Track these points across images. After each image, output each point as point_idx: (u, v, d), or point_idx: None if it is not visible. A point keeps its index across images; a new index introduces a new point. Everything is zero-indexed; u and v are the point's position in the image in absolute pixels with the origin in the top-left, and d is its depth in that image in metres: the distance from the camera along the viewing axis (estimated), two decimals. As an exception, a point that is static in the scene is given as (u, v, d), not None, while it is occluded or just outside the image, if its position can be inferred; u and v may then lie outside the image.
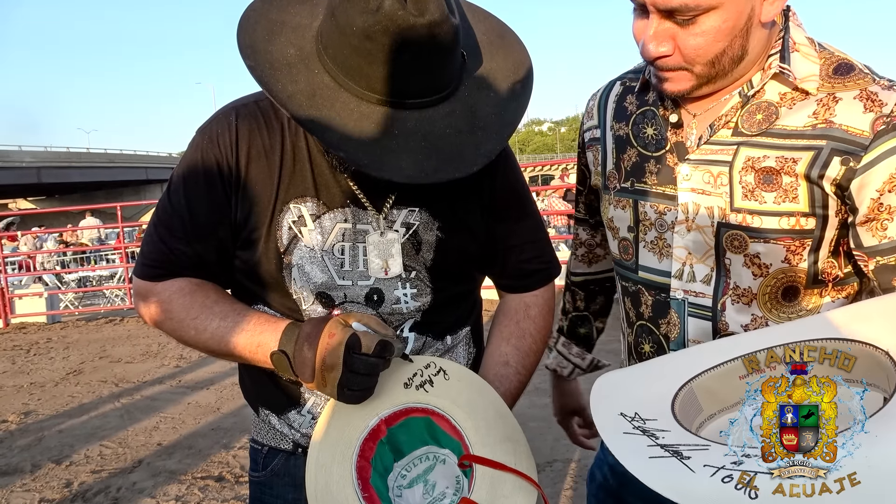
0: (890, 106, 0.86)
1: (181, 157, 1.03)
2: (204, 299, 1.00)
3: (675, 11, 0.86)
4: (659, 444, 0.72)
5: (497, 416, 0.97)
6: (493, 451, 0.93)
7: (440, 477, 0.96)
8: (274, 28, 0.92)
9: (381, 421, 0.96)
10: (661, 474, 0.67)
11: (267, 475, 1.11)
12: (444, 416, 0.97)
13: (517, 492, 0.91)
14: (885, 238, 0.88)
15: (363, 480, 0.93)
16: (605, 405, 0.83)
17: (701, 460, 0.67)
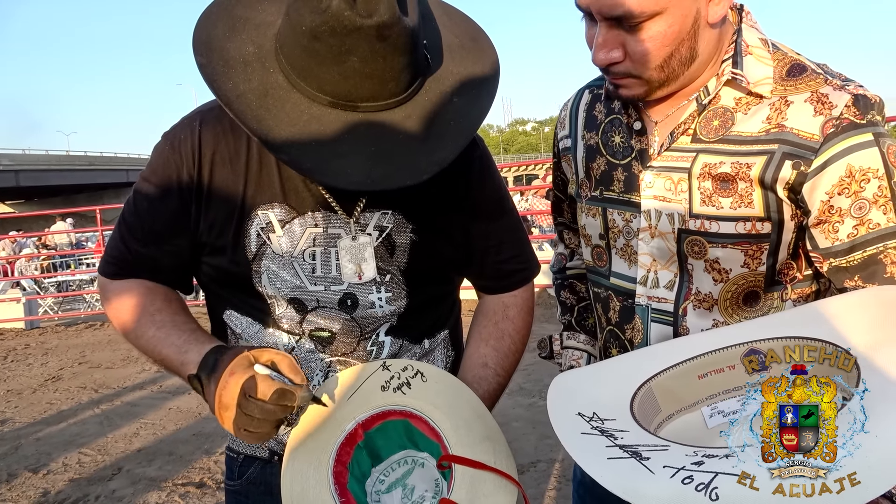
0: (840, 108, 0.85)
1: (149, 160, 1.01)
2: (149, 305, 0.99)
3: (621, 18, 0.86)
4: (617, 445, 0.71)
5: (475, 417, 0.96)
6: (473, 451, 0.91)
7: (419, 480, 0.95)
8: (236, 25, 0.90)
9: (358, 425, 0.95)
10: (618, 476, 0.66)
11: (243, 484, 1.09)
12: (422, 418, 0.95)
13: (498, 491, 0.89)
14: (836, 240, 0.88)
15: (340, 486, 0.91)
16: (562, 405, 0.82)
17: (660, 461, 0.66)
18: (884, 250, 0.86)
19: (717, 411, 0.84)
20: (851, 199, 0.85)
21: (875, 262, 0.86)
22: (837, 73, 0.92)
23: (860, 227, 0.86)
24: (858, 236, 0.86)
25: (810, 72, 0.90)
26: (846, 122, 0.85)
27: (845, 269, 0.88)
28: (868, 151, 0.84)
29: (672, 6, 0.85)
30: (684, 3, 0.86)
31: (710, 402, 0.85)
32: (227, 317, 1.03)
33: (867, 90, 0.88)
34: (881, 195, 0.85)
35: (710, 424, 0.84)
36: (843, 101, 0.86)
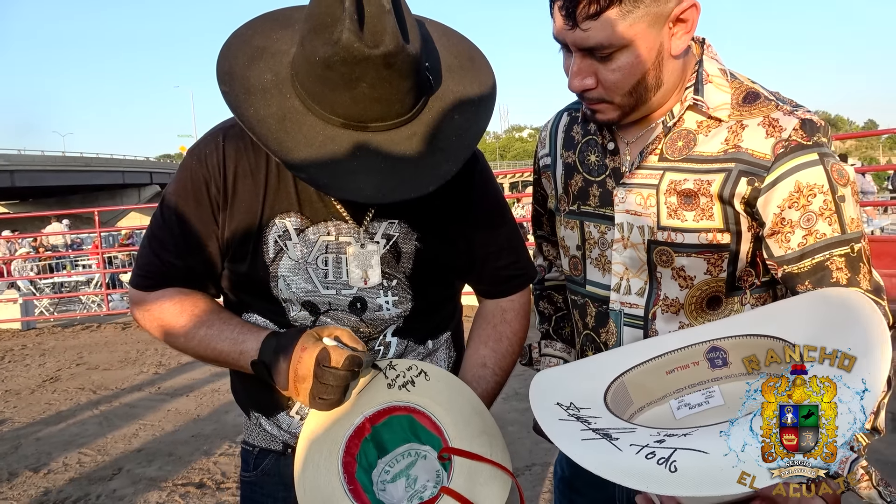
0: (788, 131, 0.95)
1: (174, 176, 1.09)
2: (193, 308, 1.07)
3: (593, 49, 0.95)
4: (591, 429, 0.77)
5: (474, 413, 1.04)
6: (471, 444, 0.99)
7: (421, 471, 1.02)
8: (255, 54, 0.98)
9: (365, 419, 1.02)
10: (591, 453, 0.73)
11: (258, 475, 1.16)
12: (425, 414, 1.03)
13: (493, 480, 0.97)
14: (788, 249, 0.96)
15: (349, 475, 0.99)
16: (542, 396, 0.89)
17: (628, 440, 0.73)
18: (830, 257, 0.94)
19: (684, 404, 0.91)
20: (800, 211, 0.94)
21: (823, 269, 0.95)
22: (789, 99, 1.01)
23: (809, 237, 0.95)
24: (807, 245, 0.95)
25: (763, 99, 1.00)
26: (794, 143, 0.94)
27: (797, 274, 0.97)
28: (814, 169, 0.93)
29: (638, 40, 0.94)
30: (649, 38, 0.95)
31: (677, 395, 0.92)
32: (246, 319, 1.10)
33: (814, 115, 0.97)
34: (826, 208, 0.94)
35: (677, 416, 0.90)
36: (792, 124, 0.95)
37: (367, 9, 0.87)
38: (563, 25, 0.96)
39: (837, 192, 0.94)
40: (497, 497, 0.96)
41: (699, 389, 0.93)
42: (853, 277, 0.94)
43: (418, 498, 0.99)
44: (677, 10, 0.95)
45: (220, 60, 0.97)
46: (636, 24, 0.93)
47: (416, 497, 0.99)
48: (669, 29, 0.97)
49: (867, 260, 0.96)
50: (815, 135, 0.95)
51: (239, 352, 1.02)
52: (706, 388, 0.92)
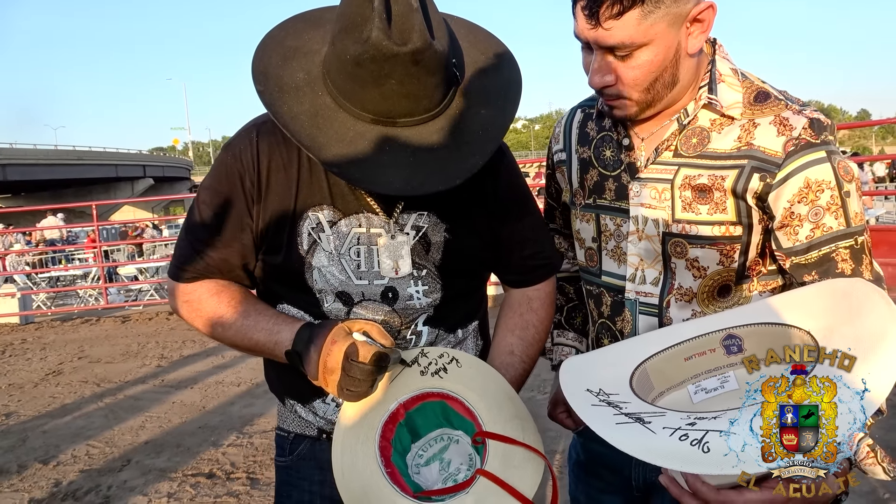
0: (798, 129, 0.99)
1: (209, 171, 1.12)
2: (229, 300, 1.10)
3: (614, 48, 0.99)
4: (623, 413, 0.82)
5: (506, 398, 1.07)
6: (504, 428, 1.03)
7: (454, 455, 1.06)
8: (287, 54, 1.01)
9: (400, 405, 1.06)
10: (627, 437, 0.77)
11: (293, 460, 1.20)
12: (458, 400, 1.06)
13: (526, 462, 1.01)
14: (797, 241, 1.01)
15: (385, 458, 1.03)
16: (572, 384, 0.93)
17: (660, 424, 0.77)
18: (835, 249, 0.99)
19: (701, 388, 0.96)
20: (809, 206, 0.99)
21: (828, 260, 1.00)
22: (796, 98, 1.06)
23: (816, 230, 1.00)
24: (815, 238, 1.00)
25: (773, 98, 1.04)
26: (804, 141, 0.99)
27: (804, 265, 1.01)
28: (822, 166, 0.98)
29: (657, 38, 0.98)
30: (668, 37, 0.99)
31: (695, 380, 0.96)
32: (281, 310, 1.13)
33: (821, 114, 1.01)
34: (833, 203, 0.99)
35: (695, 400, 0.95)
36: (801, 123, 0.99)
37: (395, 7, 0.90)
38: (585, 24, 1.00)
39: (843, 188, 0.99)
40: (531, 479, 1.00)
41: (715, 375, 0.97)
42: (857, 268, 0.99)
43: (452, 480, 1.03)
44: (695, 11, 0.99)
45: (254, 61, 1.00)
46: (656, 24, 0.97)
47: (450, 479, 1.03)
48: (687, 28, 1.01)
49: (869, 251, 1.01)
50: (823, 133, 0.99)
51: (274, 342, 1.05)
52: (722, 374, 0.97)
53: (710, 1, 1.00)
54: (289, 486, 1.20)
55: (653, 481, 1.19)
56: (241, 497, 3.17)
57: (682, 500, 0.82)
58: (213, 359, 5.92)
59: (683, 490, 0.81)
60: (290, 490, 1.20)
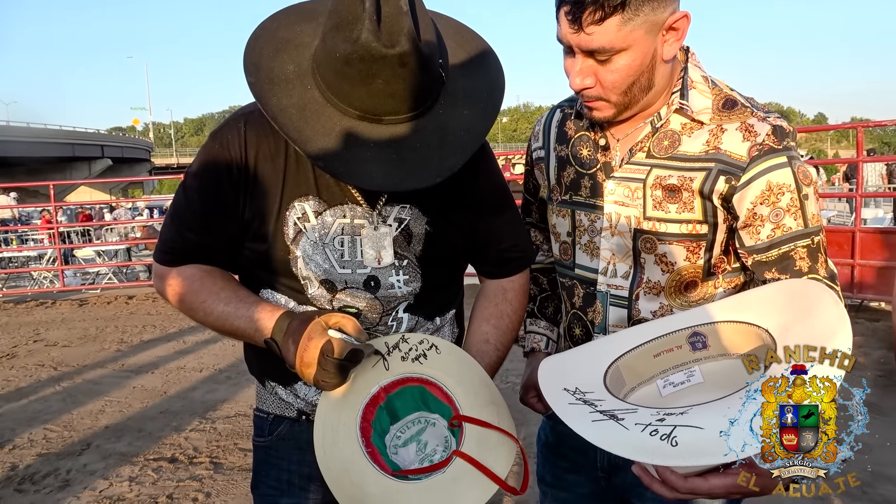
0: (762, 136, 1.07)
1: (195, 158, 1.14)
2: (212, 285, 1.12)
3: (595, 52, 1.05)
4: (598, 411, 0.87)
5: (482, 384, 1.12)
6: (480, 413, 1.08)
7: (431, 437, 1.10)
8: (279, 46, 1.03)
9: (381, 389, 1.10)
10: (603, 433, 0.82)
11: (273, 440, 1.23)
12: (436, 385, 1.11)
13: (500, 445, 1.06)
14: (759, 240, 1.09)
15: (366, 438, 1.07)
16: (550, 383, 0.99)
17: (632, 420, 0.82)
18: (794, 248, 1.07)
19: (669, 383, 1.02)
20: (770, 208, 1.07)
21: (787, 258, 1.07)
22: (762, 106, 1.13)
23: (777, 230, 1.07)
24: (775, 237, 1.08)
25: (740, 105, 1.11)
26: (767, 147, 1.06)
27: (765, 263, 1.09)
28: (783, 171, 1.06)
29: (636, 44, 1.04)
30: (645, 43, 1.05)
31: (663, 375, 1.03)
32: (263, 294, 1.16)
33: (784, 122, 1.09)
34: (793, 205, 1.06)
35: (663, 393, 1.02)
36: (765, 130, 1.07)
37: (385, 9, 0.93)
38: (568, 29, 1.05)
39: (802, 191, 1.07)
40: (504, 460, 1.05)
41: (682, 370, 1.04)
42: (813, 266, 1.07)
43: (428, 461, 1.08)
44: (671, 20, 1.05)
45: (247, 52, 1.02)
46: (635, 30, 1.03)
47: (426, 460, 1.08)
48: (663, 36, 1.07)
49: (824, 250, 1.09)
50: (785, 139, 1.07)
51: (254, 329, 1.08)
52: (688, 369, 1.03)
53: (685, 11, 1.07)
54: (267, 465, 1.23)
55: (616, 462, 1.26)
56: (204, 481, 3.17)
57: (653, 487, 0.87)
58: (175, 344, 5.85)
59: (654, 478, 0.87)
60: (268, 469, 1.23)
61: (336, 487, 1.03)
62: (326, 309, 1.14)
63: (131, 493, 3.07)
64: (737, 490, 0.85)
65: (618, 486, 1.29)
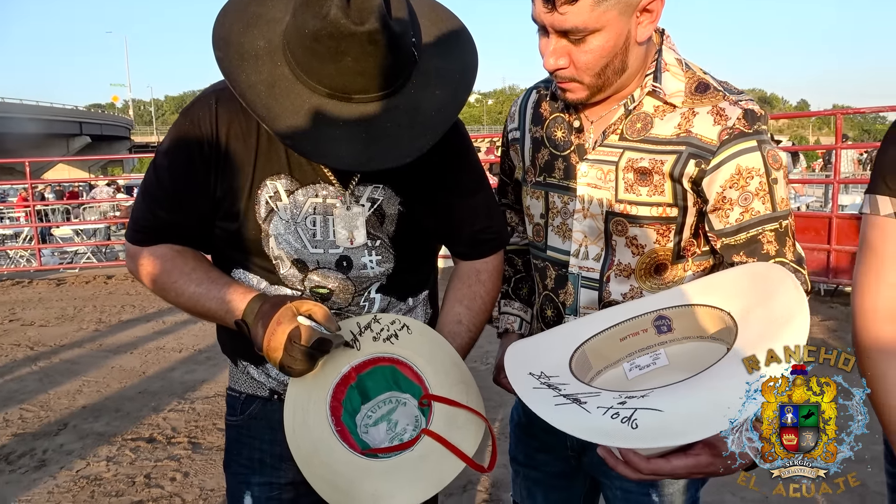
0: (733, 120, 1.07)
1: (166, 135, 1.12)
2: (183, 266, 1.11)
3: (569, 32, 1.05)
4: (562, 395, 0.88)
5: (452, 364, 1.13)
6: (449, 392, 1.09)
7: (401, 416, 1.11)
8: (250, 20, 1.01)
9: (351, 368, 1.10)
10: (565, 417, 0.83)
11: (244, 419, 1.23)
12: (407, 364, 1.11)
13: (469, 424, 1.07)
14: (728, 223, 1.10)
15: (336, 418, 1.07)
16: (516, 368, 0.99)
17: (594, 403, 0.83)
18: (762, 232, 1.08)
19: (635, 366, 1.03)
20: (739, 191, 1.07)
21: (755, 241, 1.08)
22: (735, 89, 1.13)
23: (745, 213, 1.08)
24: (744, 221, 1.08)
25: (713, 89, 1.12)
26: (737, 131, 1.07)
27: (733, 246, 1.10)
28: (752, 155, 1.06)
29: (609, 25, 1.04)
30: (619, 24, 1.05)
31: (629, 359, 1.04)
32: (235, 275, 1.15)
33: (755, 105, 1.09)
34: (761, 189, 1.07)
35: (629, 376, 1.03)
36: (736, 114, 1.07)
37: None
38: (542, 8, 1.04)
39: (771, 175, 1.07)
40: (472, 439, 1.06)
41: (647, 353, 1.05)
42: (780, 249, 1.08)
43: (398, 439, 1.09)
44: (645, 1, 1.05)
45: (216, 26, 1.00)
46: (608, 11, 1.02)
47: (396, 439, 1.09)
48: (637, 18, 1.06)
49: (792, 234, 1.10)
50: (756, 123, 1.07)
51: (225, 310, 1.07)
52: (654, 352, 1.05)
53: None
54: (239, 444, 1.23)
55: (584, 443, 1.28)
56: (182, 461, 3.17)
57: (617, 469, 0.89)
58: (154, 324, 5.81)
59: (618, 460, 0.88)
60: (240, 448, 1.23)
61: (305, 467, 1.03)
62: (299, 291, 1.14)
63: (108, 473, 3.06)
64: (699, 470, 0.87)
65: (587, 465, 1.31)
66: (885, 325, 0.98)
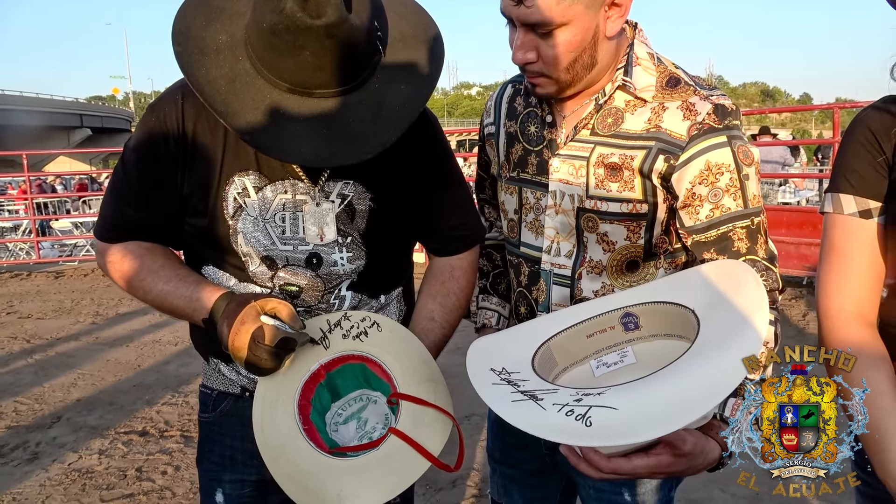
0: (702, 115, 1.06)
1: (134, 131, 1.11)
2: (151, 263, 1.11)
3: (536, 25, 1.03)
4: (520, 391, 0.87)
5: (421, 362, 1.13)
6: (417, 390, 1.08)
7: (371, 415, 1.11)
8: (213, 15, 1.00)
9: (321, 366, 1.10)
10: (520, 413, 0.83)
11: (216, 416, 1.23)
12: (376, 362, 1.11)
13: (435, 422, 1.07)
14: (698, 220, 1.08)
15: (304, 416, 1.07)
16: (477, 362, 0.99)
17: (550, 400, 0.83)
18: (733, 229, 1.07)
19: (602, 363, 1.02)
20: (709, 188, 1.06)
21: (726, 239, 1.07)
22: (707, 84, 1.12)
23: (715, 210, 1.07)
24: (714, 217, 1.07)
25: (683, 84, 1.10)
26: (707, 126, 1.05)
27: (704, 243, 1.09)
28: (722, 150, 1.05)
29: (576, 19, 1.03)
30: (586, 18, 1.04)
31: (597, 356, 1.03)
32: (205, 271, 1.15)
33: (727, 100, 1.08)
34: (732, 185, 1.06)
35: (596, 374, 1.02)
36: (706, 109, 1.06)
37: None
38: (509, 2, 1.04)
39: (742, 171, 1.06)
40: (438, 437, 1.06)
41: (615, 350, 1.04)
42: (752, 247, 1.06)
43: (368, 438, 1.08)
44: None
45: (176, 20, 0.99)
46: (574, 5, 1.02)
47: (365, 437, 1.09)
48: (605, 12, 1.05)
49: (765, 231, 1.09)
50: (727, 119, 1.06)
51: (192, 309, 1.07)
52: (621, 349, 1.04)
53: None
54: (211, 441, 1.24)
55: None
56: (174, 455, 3.18)
57: (579, 467, 0.88)
58: (150, 317, 5.82)
59: (580, 458, 0.88)
60: (211, 445, 1.23)
61: (272, 465, 1.03)
62: (268, 288, 1.13)
63: (100, 466, 3.07)
64: (660, 470, 0.87)
65: (561, 463, 1.31)
66: (851, 325, 0.97)
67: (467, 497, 2.75)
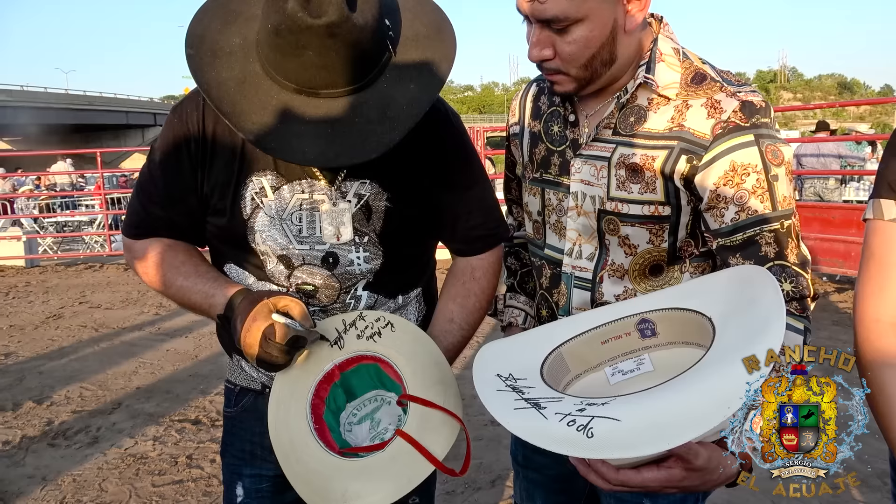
0: (728, 112, 1.00)
1: (160, 132, 1.15)
2: (172, 259, 1.14)
3: (551, 21, 1.00)
4: (524, 398, 0.85)
5: (433, 364, 1.12)
6: (426, 392, 1.07)
7: (385, 415, 1.11)
8: (229, 18, 1.02)
9: (335, 366, 1.10)
10: (522, 422, 0.80)
11: (238, 411, 1.26)
12: (388, 363, 1.11)
13: (443, 426, 1.05)
14: (723, 223, 1.02)
15: (316, 416, 1.08)
16: (484, 368, 0.96)
17: (553, 409, 0.80)
18: (760, 233, 1.00)
19: (618, 370, 0.99)
20: (734, 189, 1.00)
21: (752, 243, 1.00)
22: (736, 79, 1.06)
23: (741, 213, 1.01)
24: (740, 221, 1.01)
25: (710, 80, 1.05)
26: (732, 124, 1.00)
27: (730, 247, 1.03)
28: (749, 150, 0.99)
29: (593, 15, 0.99)
30: (603, 13, 1.00)
31: (612, 363, 0.99)
32: (227, 269, 1.17)
33: (756, 96, 1.01)
34: (759, 186, 1.00)
35: (612, 381, 0.98)
36: (732, 106, 1.00)
37: None
38: None
39: (770, 172, 1.00)
40: (445, 440, 1.05)
41: (631, 357, 1.00)
42: (781, 252, 1.00)
43: (379, 439, 1.08)
44: None
45: (192, 23, 1.01)
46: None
47: (377, 438, 1.08)
48: (624, 6, 1.01)
49: (796, 235, 1.02)
50: (754, 116, 1.00)
51: (209, 304, 1.10)
52: (637, 356, 1.00)
53: None
54: (232, 435, 1.26)
55: None
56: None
57: (588, 477, 0.85)
58: (210, 310, 6.03)
59: (588, 468, 0.85)
60: (233, 440, 1.26)
61: (284, 463, 1.04)
62: (285, 287, 1.15)
63: (154, 452, 3.21)
64: (672, 485, 0.83)
65: (582, 469, 1.27)
66: (888, 335, 0.91)
67: (506, 497, 2.73)
